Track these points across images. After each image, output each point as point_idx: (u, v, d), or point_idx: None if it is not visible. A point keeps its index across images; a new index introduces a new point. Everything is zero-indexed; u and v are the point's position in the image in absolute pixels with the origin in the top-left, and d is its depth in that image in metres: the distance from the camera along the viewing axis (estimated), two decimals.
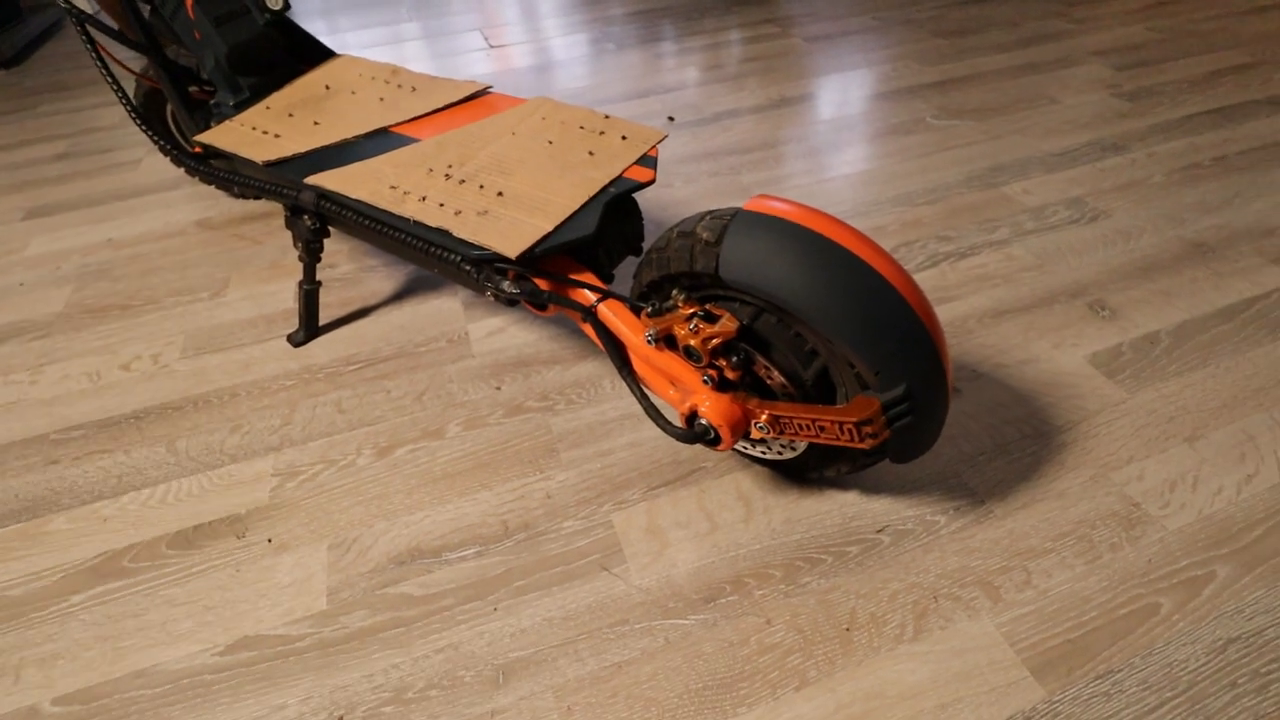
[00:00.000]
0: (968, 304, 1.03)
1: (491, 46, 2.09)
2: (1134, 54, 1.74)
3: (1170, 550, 0.72)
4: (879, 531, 0.76)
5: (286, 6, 1.06)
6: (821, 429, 0.63)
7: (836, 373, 0.66)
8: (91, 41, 0.97)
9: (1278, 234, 1.12)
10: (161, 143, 1.03)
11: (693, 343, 0.64)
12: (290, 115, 1.00)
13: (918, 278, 1.09)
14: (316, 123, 0.97)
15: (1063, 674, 0.63)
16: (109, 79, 0.97)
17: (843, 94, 1.67)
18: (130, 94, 1.03)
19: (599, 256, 0.79)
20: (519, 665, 0.67)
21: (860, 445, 0.62)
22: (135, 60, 1.19)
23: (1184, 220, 1.17)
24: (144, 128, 1.00)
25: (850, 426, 0.61)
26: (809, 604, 0.70)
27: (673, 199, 1.32)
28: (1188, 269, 1.07)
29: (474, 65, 1.97)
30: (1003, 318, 1.01)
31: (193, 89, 1.15)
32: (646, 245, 0.83)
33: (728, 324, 0.63)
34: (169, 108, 1.28)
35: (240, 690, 0.66)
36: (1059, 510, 0.77)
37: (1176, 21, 1.91)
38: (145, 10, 1.24)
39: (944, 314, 1.02)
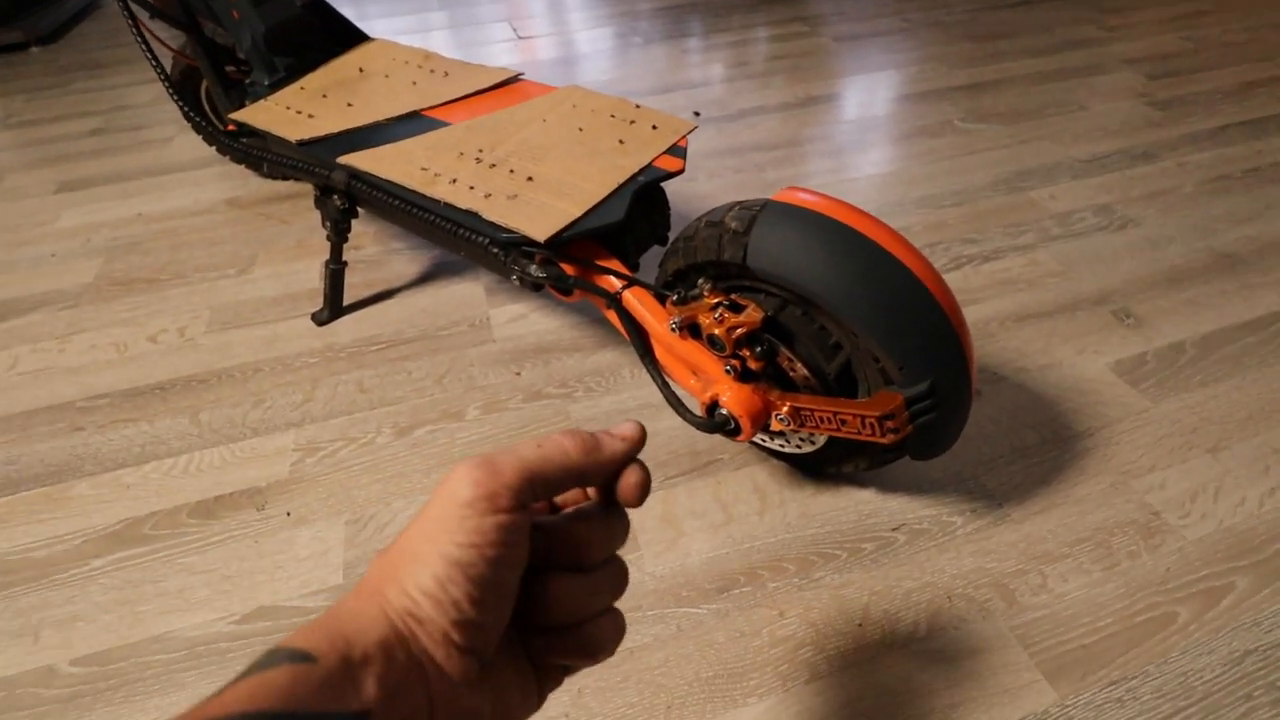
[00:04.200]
0: (990, 307, 1.03)
1: (519, 38, 2.09)
2: (1166, 63, 1.72)
3: (1189, 560, 0.71)
4: (895, 530, 0.76)
5: None
6: (843, 422, 0.63)
7: (859, 367, 0.66)
8: (133, 17, 0.98)
9: None
10: (195, 119, 1.05)
11: (717, 332, 0.64)
12: (324, 96, 1.01)
13: None
14: (350, 104, 0.98)
15: (1076, 678, 0.63)
16: (148, 54, 0.98)
17: (870, 94, 1.66)
18: (167, 70, 1.04)
19: (626, 244, 0.80)
20: None
21: (881, 440, 0.62)
22: (174, 38, 1.20)
23: (1214, 231, 1.16)
24: (179, 102, 1.02)
25: (872, 421, 0.61)
26: (822, 598, 0.70)
27: (696, 193, 1.32)
28: (1216, 280, 1.06)
29: (501, 56, 1.98)
30: (1025, 322, 1.00)
31: (229, 68, 1.16)
32: (672, 236, 0.84)
33: (753, 314, 0.63)
34: (203, 86, 1.29)
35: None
36: (1077, 516, 0.76)
37: (1210, 32, 1.88)
38: None
39: (966, 316, 1.01)
